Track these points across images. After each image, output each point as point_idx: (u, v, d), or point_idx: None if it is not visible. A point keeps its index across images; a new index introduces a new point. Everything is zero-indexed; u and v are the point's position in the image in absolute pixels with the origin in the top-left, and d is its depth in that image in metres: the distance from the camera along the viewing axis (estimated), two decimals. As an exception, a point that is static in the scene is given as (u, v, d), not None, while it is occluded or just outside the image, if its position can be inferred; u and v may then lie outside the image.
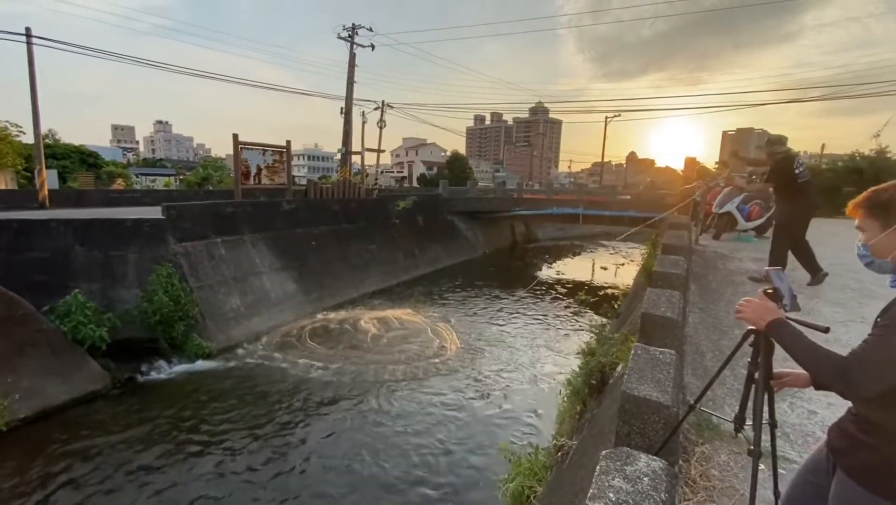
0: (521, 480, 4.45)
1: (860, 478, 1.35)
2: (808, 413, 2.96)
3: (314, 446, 6.35)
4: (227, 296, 10.50)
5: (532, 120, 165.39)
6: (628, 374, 2.34)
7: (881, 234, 1.36)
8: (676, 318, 3.00)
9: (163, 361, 8.73)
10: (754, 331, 1.60)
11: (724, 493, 2.28)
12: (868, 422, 1.34)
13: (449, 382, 8.38)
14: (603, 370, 4.76)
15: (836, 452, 1.43)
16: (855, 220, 1.45)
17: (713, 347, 3.71)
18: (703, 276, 5.95)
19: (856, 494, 1.36)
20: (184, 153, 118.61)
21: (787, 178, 5.31)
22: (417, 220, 20.09)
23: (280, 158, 14.43)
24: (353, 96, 22.85)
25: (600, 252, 27.58)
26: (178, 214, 10.34)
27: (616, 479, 1.58)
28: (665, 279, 3.81)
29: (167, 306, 8.81)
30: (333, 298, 13.19)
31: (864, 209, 1.40)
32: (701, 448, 2.60)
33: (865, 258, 1.44)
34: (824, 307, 4.69)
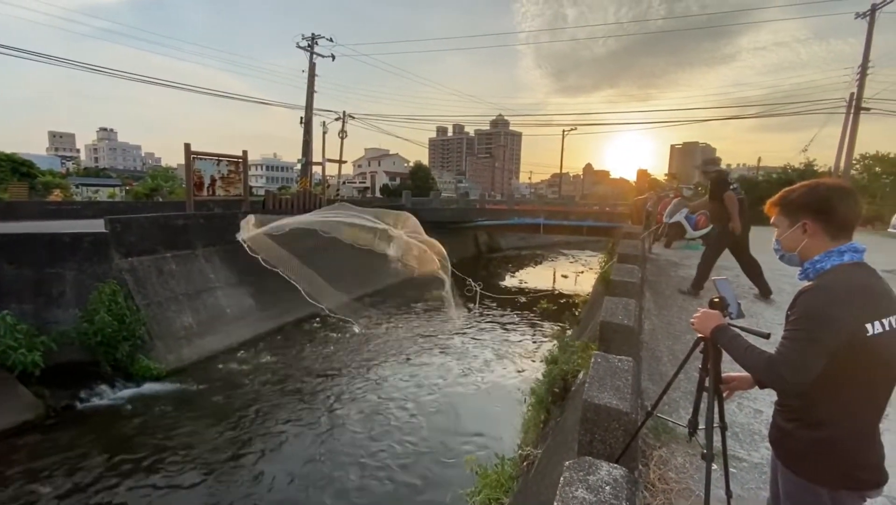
0: (488, 491, 4.43)
1: (790, 464, 1.44)
2: (754, 412, 3.12)
3: (270, 473, 6.04)
4: (178, 314, 9.94)
5: (493, 132, 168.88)
6: (589, 382, 2.39)
7: (789, 230, 1.48)
8: (633, 325, 3.10)
9: (105, 386, 8.11)
10: (703, 338, 1.67)
11: (681, 494, 2.35)
12: (790, 410, 1.44)
13: (412, 394, 8.27)
14: (565, 378, 4.85)
15: (773, 445, 1.54)
16: (771, 217, 1.58)
17: (668, 352, 3.86)
18: (656, 283, 6.21)
19: (790, 481, 1.44)
20: (131, 162, 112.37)
21: (728, 192, 5.57)
22: (380, 231, 19.89)
23: (236, 169, 13.94)
24: (313, 106, 22.50)
25: (561, 260, 28.31)
26: (124, 228, 9.74)
27: (579, 490, 1.60)
28: (621, 287, 3.94)
29: (110, 326, 8.22)
30: (294, 313, 12.76)
31: (778, 207, 1.54)
32: (659, 452, 2.68)
33: (778, 252, 1.57)
34: (766, 311, 5.00)
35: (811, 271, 1.44)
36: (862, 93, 18.67)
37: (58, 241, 8.84)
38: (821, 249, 1.42)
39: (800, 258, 1.49)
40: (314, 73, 22.27)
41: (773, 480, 1.59)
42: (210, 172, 13.18)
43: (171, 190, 29.08)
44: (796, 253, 1.49)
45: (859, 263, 1.38)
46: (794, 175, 19.15)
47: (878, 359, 1.30)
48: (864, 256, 1.40)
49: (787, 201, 1.50)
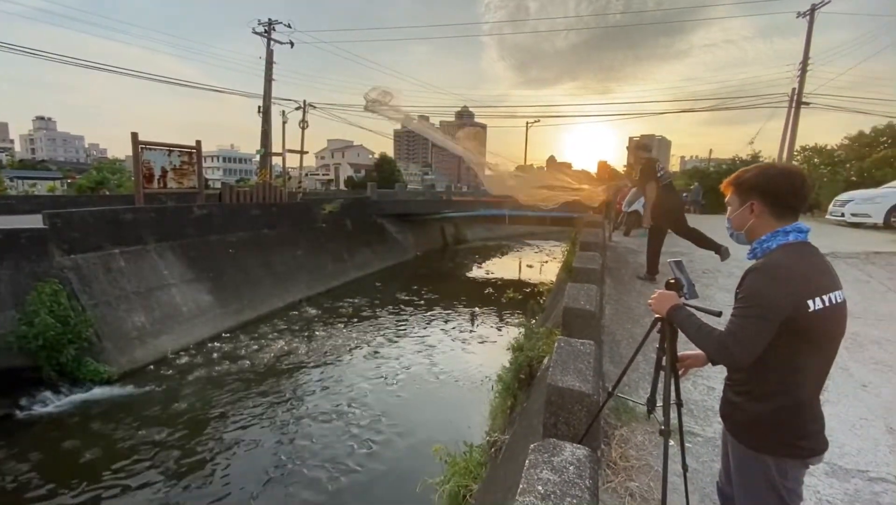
0: (457, 479, 4.46)
1: (738, 435, 1.51)
2: (708, 389, 3.28)
3: (233, 475, 5.86)
4: (128, 313, 9.41)
5: (459, 123, 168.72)
6: (552, 366, 2.43)
7: (738, 209, 1.55)
8: (594, 310, 3.17)
9: (49, 393, 7.59)
10: (660, 319, 1.72)
11: (642, 471, 2.44)
12: (738, 384, 1.52)
13: (379, 387, 8.22)
14: (531, 364, 4.93)
15: (723, 418, 1.61)
16: (726, 196, 1.63)
17: (627, 336, 3.99)
18: (616, 269, 6.41)
19: (739, 452, 1.51)
20: (73, 154, 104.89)
21: (651, 180, 5.74)
22: (345, 223, 19.54)
23: (189, 160, 13.25)
24: (271, 94, 21.69)
25: (526, 251, 28.77)
26: (65, 223, 9.09)
27: (544, 471, 1.61)
28: (583, 274, 4.03)
29: (53, 329, 7.68)
30: (256, 309, 12.37)
31: (731, 187, 1.59)
32: (620, 431, 2.77)
33: (729, 230, 1.63)
34: (718, 293, 5.26)
35: (758, 250, 1.50)
36: (802, 88, 19.88)
37: (-11, 238, 8.14)
38: (767, 229, 1.47)
39: (747, 237, 1.54)
40: (272, 60, 21.44)
41: (724, 452, 1.66)
42: (161, 164, 12.47)
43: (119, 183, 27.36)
44: (744, 232, 1.55)
45: (803, 243, 1.44)
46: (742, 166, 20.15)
47: (818, 333, 1.37)
48: (808, 236, 1.47)
49: (740, 182, 1.55)
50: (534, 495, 1.49)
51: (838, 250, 7.10)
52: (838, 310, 1.39)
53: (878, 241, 8.42)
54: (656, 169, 5.73)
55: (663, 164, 5.93)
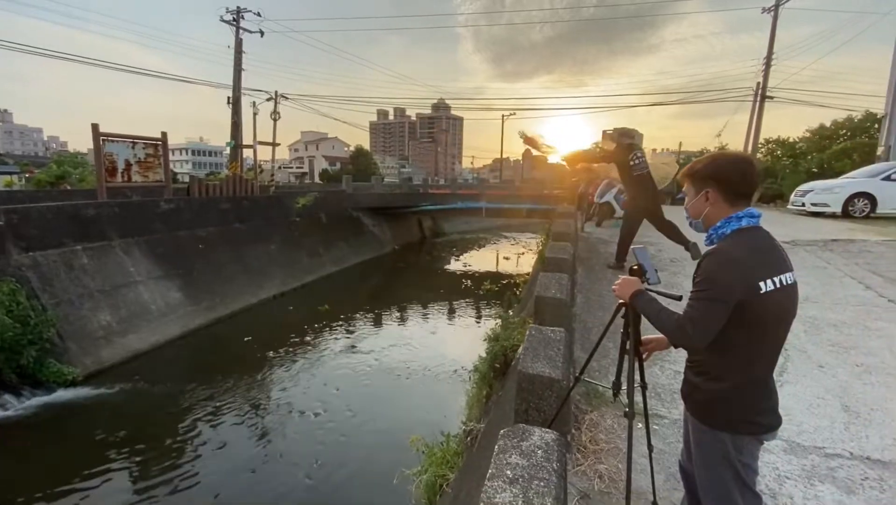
0: (434, 469, 4.49)
1: (697, 414, 1.58)
2: (674, 373, 3.39)
3: (205, 475, 5.73)
4: (93, 312, 9.06)
5: (435, 116, 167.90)
6: (523, 353, 2.46)
7: (694, 198, 1.61)
8: (565, 298, 3.23)
9: (9, 396, 7.25)
10: (624, 304, 1.76)
11: (611, 453, 2.51)
12: (697, 365, 1.58)
13: (355, 381, 8.18)
14: (506, 353, 4.99)
15: (684, 398, 1.67)
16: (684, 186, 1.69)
17: (598, 323, 4.08)
18: (587, 259, 6.53)
19: (698, 430, 1.58)
20: (31, 147, 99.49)
21: (622, 168, 5.83)
22: (320, 217, 19.24)
23: (155, 152, 12.76)
24: (241, 85, 21.07)
25: (503, 243, 28.99)
26: (22, 219, 8.65)
27: (513, 456, 1.64)
28: (555, 264, 4.09)
29: (11, 330, 7.32)
30: (227, 306, 12.09)
31: (687, 178, 1.65)
32: (590, 416, 2.84)
33: (687, 219, 1.69)
34: (685, 281, 5.42)
35: (714, 236, 1.55)
36: (766, 83, 20.58)
37: (-64, 235, 7.68)
38: (721, 216, 1.53)
39: (704, 225, 1.60)
40: (241, 49, 20.80)
41: (685, 431, 1.73)
42: (124, 156, 11.97)
43: (82, 177, 26.19)
44: (701, 220, 1.60)
45: (755, 227, 1.50)
46: (710, 158, 20.78)
47: (770, 314, 1.43)
48: (761, 221, 1.53)
49: (693, 171, 1.61)
50: (502, 480, 1.52)
51: (798, 238, 7.42)
52: (789, 291, 1.45)
53: (836, 229, 8.84)
54: (630, 156, 5.75)
55: (643, 154, 5.91)
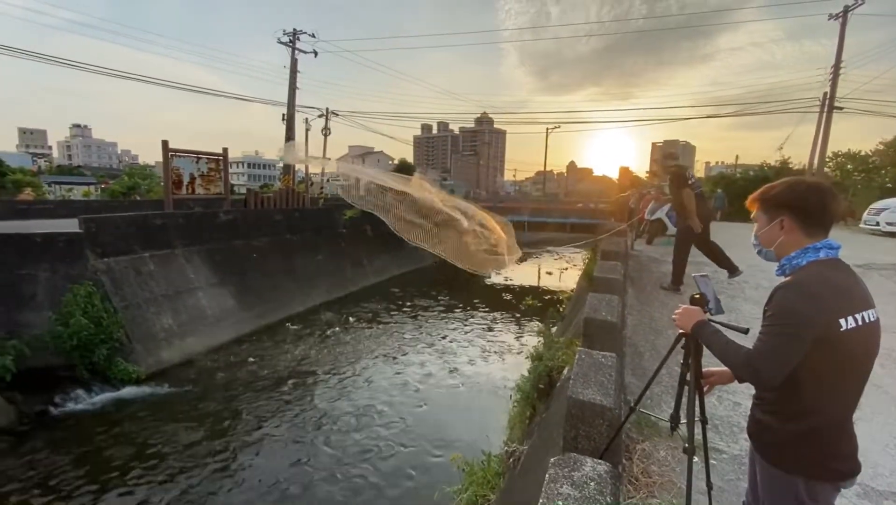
0: (475, 489, 4.44)
1: (767, 455, 1.47)
2: (734, 405, 3.20)
3: (255, 477, 5.95)
4: (157, 315, 9.72)
5: (478, 130, 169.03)
6: (573, 378, 2.41)
7: (767, 226, 1.51)
8: (616, 321, 3.14)
9: (81, 391, 7.89)
10: (684, 334, 1.70)
11: (664, 487, 2.39)
12: (767, 403, 1.47)
13: (398, 393, 8.25)
14: (550, 374, 4.88)
15: (751, 437, 1.56)
16: (752, 212, 1.60)
17: (650, 347, 3.92)
18: (638, 279, 6.30)
19: (767, 472, 1.47)
20: (106, 160, 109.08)
21: (682, 188, 5.63)
22: (366, 229, 19.76)
23: (216, 166, 13.66)
24: (295, 103, 22.18)
25: (545, 258, 28.53)
26: (99, 227, 9.47)
27: (564, 486, 1.61)
28: (605, 284, 3.99)
29: (86, 329, 7.99)
30: (277, 313, 12.61)
31: (758, 203, 1.55)
32: (642, 446, 2.72)
33: (756, 247, 1.59)
34: (744, 305, 5.12)
35: (787, 267, 1.47)
36: (835, 92, 19.23)
37: (29, 241, 8.54)
38: (797, 246, 1.44)
39: (776, 254, 1.51)
40: (296, 69, 21.94)
41: (752, 471, 1.62)
42: (189, 170, 12.89)
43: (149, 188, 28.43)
44: (773, 249, 1.52)
45: (834, 260, 1.41)
46: (770, 172, 19.67)
47: (850, 353, 1.33)
48: (839, 253, 1.44)
49: (767, 197, 1.52)
50: (554, 510, 1.49)
51: (874, 261, 6.84)
52: (871, 329, 1.35)
53: (917, 251, 8.06)
54: (687, 176, 5.66)
55: (692, 171, 5.90)
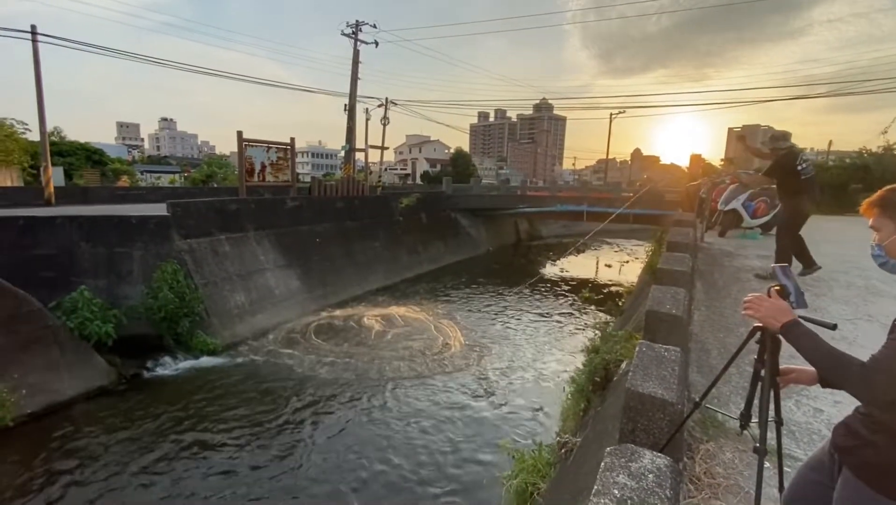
0: (525, 476, 4.45)
1: (867, 477, 1.33)
2: (814, 411, 2.94)
3: (320, 443, 6.39)
4: (231, 293, 10.55)
5: (536, 117, 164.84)
6: (633, 371, 2.34)
7: (895, 234, 1.33)
8: (682, 315, 2.98)
9: (168, 358, 8.79)
10: (761, 328, 1.58)
11: (729, 490, 2.27)
12: (877, 422, 1.32)
13: (453, 378, 8.39)
14: (607, 367, 4.75)
15: (842, 451, 1.41)
16: (868, 218, 1.42)
17: (718, 345, 3.69)
18: (708, 273, 5.91)
19: (862, 494, 1.34)
20: (188, 150, 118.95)
21: (789, 173, 5.33)
22: (421, 217, 20.08)
23: (284, 155, 14.45)
24: (356, 93, 22.83)
25: (605, 249, 27.50)
26: (183, 211, 10.39)
27: (620, 475, 1.58)
28: (670, 276, 3.79)
29: (172, 303, 8.86)
30: (337, 296, 13.22)
31: (879, 208, 1.36)
32: (706, 446, 2.59)
33: (880, 258, 1.40)
34: (831, 305, 4.65)
35: None
36: (957, 67, 16.61)
37: (126, 222, 9.57)
38: None
39: None
40: (358, 59, 22.52)
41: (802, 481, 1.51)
42: (260, 159, 13.74)
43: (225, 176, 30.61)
44: None
45: None
46: (871, 160, 17.46)
47: None
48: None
49: (893, 201, 1.34)
50: (609, 498, 1.47)
51: None
52: None
53: None
54: (797, 161, 5.30)
55: (806, 157, 5.52)
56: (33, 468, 5.68)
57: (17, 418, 6.40)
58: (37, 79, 13.17)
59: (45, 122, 13.58)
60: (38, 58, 13.18)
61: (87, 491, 5.34)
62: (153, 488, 5.41)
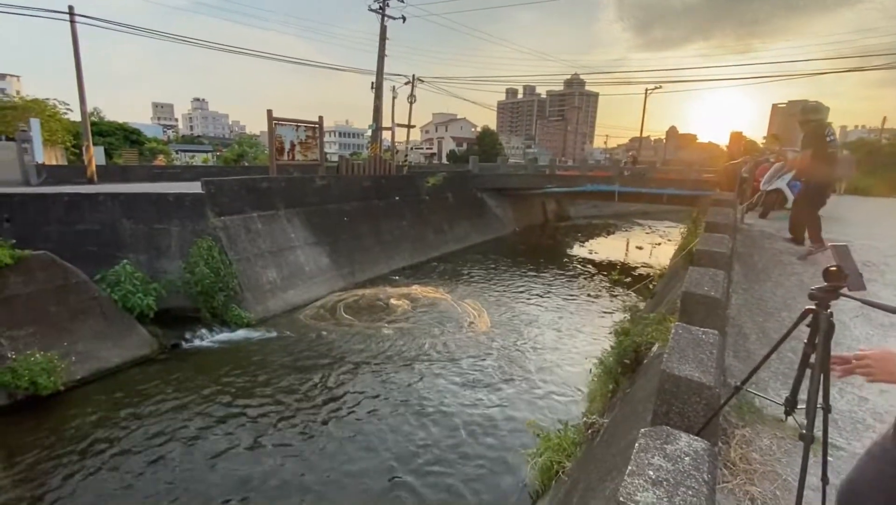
0: (550, 454, 4.48)
1: None
2: (858, 400, 2.82)
3: (350, 416, 6.57)
4: (263, 269, 10.85)
5: (567, 93, 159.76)
6: (668, 353, 2.27)
7: None
8: (720, 297, 2.87)
9: (205, 330, 9.18)
10: (813, 311, 1.50)
11: (766, 477, 2.21)
12: None
13: (478, 358, 8.45)
14: (637, 350, 4.67)
15: None
16: None
17: (758, 330, 3.55)
18: (747, 255, 5.67)
19: None
20: (220, 130, 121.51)
21: (821, 145, 5.42)
22: (447, 196, 19.99)
23: (313, 134, 14.55)
24: (383, 70, 22.61)
25: (636, 231, 26.78)
26: (217, 189, 10.66)
27: (655, 457, 1.55)
28: (708, 257, 3.64)
29: (208, 277, 9.20)
30: (364, 274, 13.42)
31: None
32: (742, 431, 2.52)
33: None
34: (883, 291, 4.39)
35: None
36: None
37: (164, 200, 9.91)
38: None
39: None
40: (385, 35, 22.22)
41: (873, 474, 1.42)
42: (290, 138, 13.89)
43: (255, 156, 31.20)
44: None
45: None
46: (933, 137, 16.16)
47: None
48: None
49: None
50: (643, 479, 1.45)
51: None
52: None
53: None
54: (825, 133, 5.40)
55: (833, 130, 5.61)
56: (82, 429, 6.10)
57: (67, 383, 6.85)
58: (76, 59, 13.59)
59: (85, 103, 14.08)
60: (76, 38, 13.58)
61: (131, 452, 5.70)
62: (197, 447, 5.72)
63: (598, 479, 2.90)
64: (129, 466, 5.42)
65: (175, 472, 5.35)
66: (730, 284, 4.13)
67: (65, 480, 5.16)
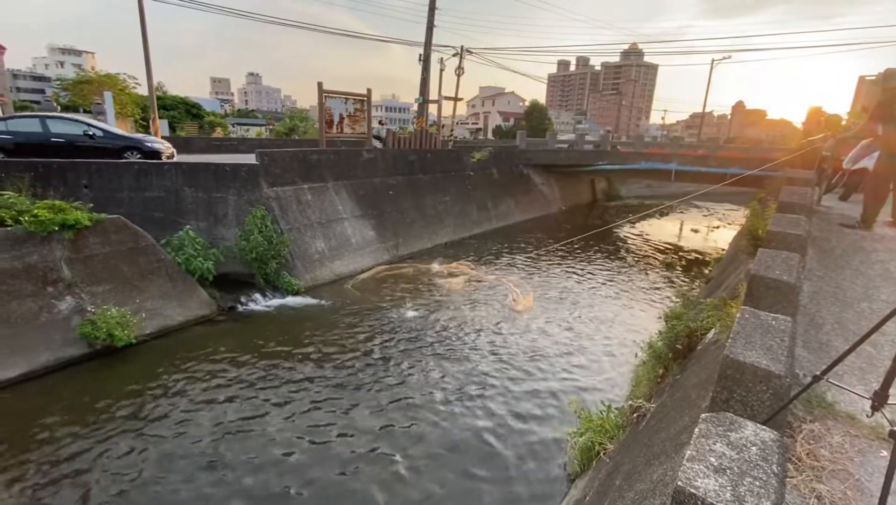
0: (591, 435, 4.42)
1: None
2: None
3: (400, 382, 6.78)
4: (312, 239, 11.22)
5: (623, 65, 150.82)
6: (733, 338, 2.12)
7: None
8: (793, 282, 2.63)
9: (258, 295, 9.68)
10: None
11: (835, 475, 2.04)
12: None
13: (521, 336, 8.40)
14: (691, 335, 4.45)
15: None
16: None
17: (833, 320, 3.25)
18: (824, 240, 5.18)
19: None
20: (273, 104, 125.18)
21: (888, 114, 5.04)
22: (492, 172, 19.67)
23: (361, 107, 14.63)
24: (432, 42, 22.20)
25: (692, 213, 25.32)
26: (270, 161, 11.02)
27: (718, 444, 1.45)
28: (780, 239, 3.35)
29: (262, 245, 9.63)
30: (408, 247, 13.58)
31: None
32: (809, 425, 2.34)
33: None
34: None
35: None
36: None
37: (222, 170, 10.38)
38: None
39: None
40: (434, 6, 21.70)
41: None
42: (339, 111, 14.05)
43: (305, 130, 31.93)
44: None
45: None
46: None
47: None
48: None
49: None
50: (705, 465, 1.36)
51: None
52: None
53: None
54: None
55: None
56: (154, 378, 6.66)
57: (138, 337, 7.48)
58: (143, 33, 14.29)
59: (151, 77, 14.85)
60: (143, 11, 14.23)
61: (194, 405, 6.17)
62: (246, 406, 6.11)
63: (645, 462, 2.81)
64: (195, 412, 5.89)
65: (237, 420, 5.76)
66: (803, 270, 3.79)
67: (149, 421, 5.69)
